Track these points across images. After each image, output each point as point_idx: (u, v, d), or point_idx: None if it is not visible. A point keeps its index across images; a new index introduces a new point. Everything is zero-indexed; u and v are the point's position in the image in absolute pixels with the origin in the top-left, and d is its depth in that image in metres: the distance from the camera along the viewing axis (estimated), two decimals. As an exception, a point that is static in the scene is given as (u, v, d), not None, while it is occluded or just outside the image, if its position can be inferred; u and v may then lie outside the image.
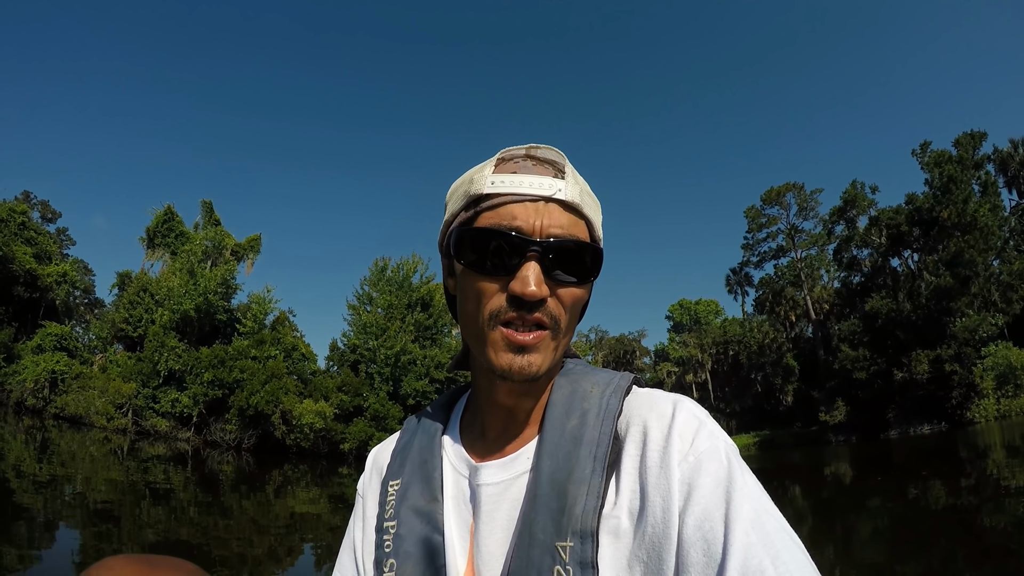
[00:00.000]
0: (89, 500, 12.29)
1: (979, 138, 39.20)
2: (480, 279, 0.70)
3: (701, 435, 0.64)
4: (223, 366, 30.34)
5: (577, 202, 0.70)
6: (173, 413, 30.88)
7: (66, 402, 29.50)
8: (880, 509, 12.47)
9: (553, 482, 0.65)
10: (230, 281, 35.99)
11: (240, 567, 8.37)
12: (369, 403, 32.29)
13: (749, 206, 50.64)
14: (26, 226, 39.26)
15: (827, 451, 32.19)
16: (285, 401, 29.74)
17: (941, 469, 18.03)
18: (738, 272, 54.75)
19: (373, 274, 37.99)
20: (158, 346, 31.15)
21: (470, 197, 0.72)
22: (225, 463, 24.58)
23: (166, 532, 10.25)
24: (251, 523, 12.17)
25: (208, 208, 40.70)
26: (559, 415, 0.71)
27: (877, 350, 37.00)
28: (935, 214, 35.70)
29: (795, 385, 47.20)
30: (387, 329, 34.62)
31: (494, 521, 0.70)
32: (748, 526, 0.56)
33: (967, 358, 33.21)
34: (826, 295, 46.21)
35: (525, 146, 0.75)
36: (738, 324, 54.13)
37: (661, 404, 0.69)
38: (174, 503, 13.31)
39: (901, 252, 39.42)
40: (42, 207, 58.47)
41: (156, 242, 38.17)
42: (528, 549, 0.63)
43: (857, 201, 42.74)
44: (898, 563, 7.66)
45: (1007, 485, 13.17)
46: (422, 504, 0.74)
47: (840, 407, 38.71)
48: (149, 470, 19.04)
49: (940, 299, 34.68)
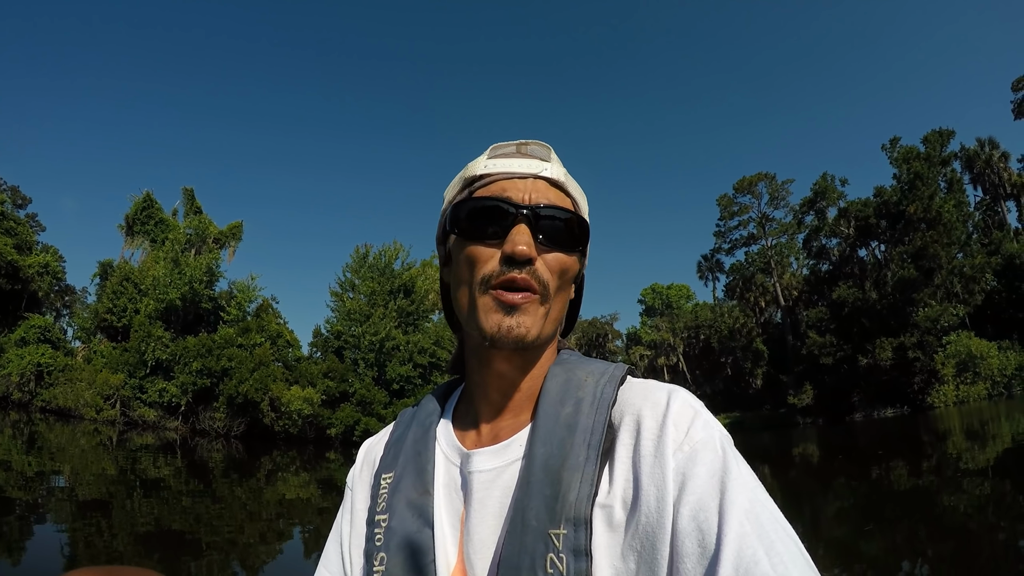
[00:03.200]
0: (79, 492, 12.12)
1: (947, 136, 39.85)
2: (473, 245, 0.72)
3: (696, 425, 0.64)
4: (211, 355, 29.98)
5: (562, 181, 0.76)
6: (161, 403, 30.43)
7: (54, 395, 28.88)
8: (845, 488, 12.64)
9: (547, 469, 0.65)
10: (215, 269, 35.44)
11: (231, 552, 8.34)
12: (355, 388, 32.20)
13: (722, 194, 50.84)
14: (5, 216, 38.06)
15: (795, 433, 32.69)
16: (273, 388, 29.52)
17: (903, 451, 18.39)
18: (710, 258, 55.22)
19: (355, 261, 37.66)
20: (144, 336, 30.61)
21: (465, 180, 0.77)
22: (215, 451, 24.39)
23: (158, 521, 10.20)
24: (243, 509, 12.15)
25: (190, 195, 39.75)
26: (553, 403, 0.70)
27: (843, 337, 37.62)
28: (902, 208, 36.28)
29: (764, 369, 47.84)
30: (371, 316, 34.46)
31: (485, 508, 0.70)
32: (743, 516, 0.55)
33: (929, 346, 33.99)
34: (795, 282, 46.67)
35: (516, 141, 0.79)
36: (709, 309, 54.52)
37: (656, 394, 0.69)
38: (165, 492, 13.20)
39: (868, 243, 40.04)
40: (12, 192, 56.40)
41: (135, 229, 37.21)
42: (521, 535, 0.63)
43: (827, 193, 43.14)
44: (863, 540, 7.78)
45: (965, 467, 13.50)
46: (414, 497, 0.74)
47: (807, 391, 39.37)
48: (139, 460, 18.84)
49: (904, 289, 35.37)
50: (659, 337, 57.89)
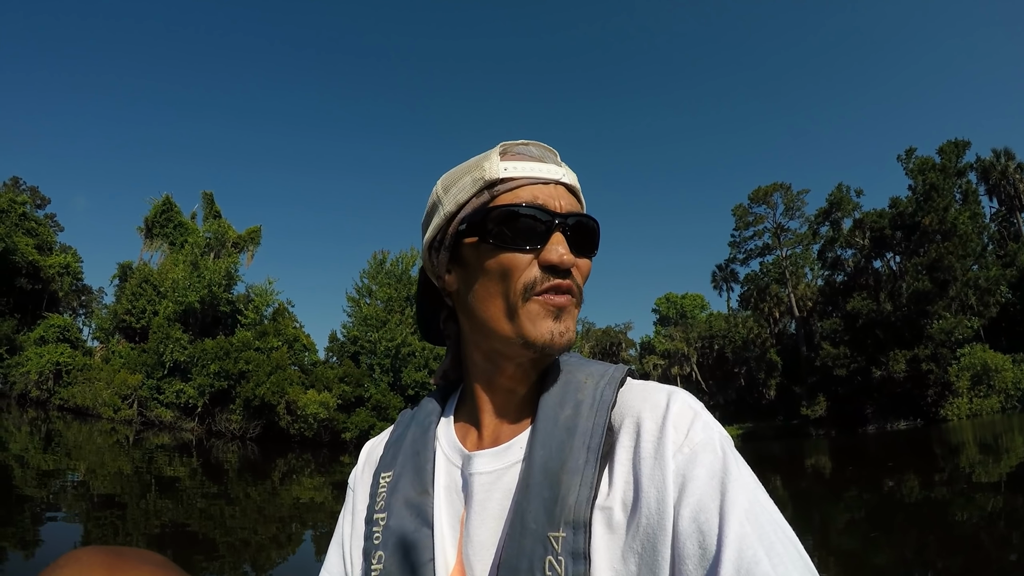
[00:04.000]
0: (94, 489, 12.27)
1: (963, 147, 39.47)
2: (509, 254, 0.71)
3: (696, 426, 0.63)
4: (228, 357, 30.26)
5: (577, 187, 0.77)
6: (178, 404, 30.76)
7: (72, 394, 29.28)
8: (856, 500, 12.55)
9: (546, 471, 0.65)
10: (233, 273, 35.88)
11: (244, 553, 8.44)
12: (370, 393, 32.39)
13: (737, 204, 50.57)
14: (27, 216, 38.85)
15: (807, 443, 32.42)
16: (290, 392, 29.75)
17: (916, 463, 18.24)
18: (724, 268, 54.91)
19: (372, 267, 38.01)
20: (163, 337, 31.01)
21: (484, 182, 0.73)
22: (230, 452, 24.62)
23: (172, 520, 10.34)
24: (257, 511, 12.28)
25: (209, 200, 40.40)
26: (553, 405, 0.70)
27: (857, 348, 37.32)
28: (917, 219, 35.99)
29: (778, 379, 47.50)
30: (387, 322, 34.70)
31: (486, 511, 0.69)
32: (743, 517, 0.55)
33: (943, 359, 33.62)
34: (809, 293, 46.32)
35: (528, 142, 0.77)
36: (723, 319, 54.27)
37: (655, 395, 0.68)
38: (181, 492, 13.37)
39: (883, 254, 39.71)
40: (32, 193, 57.29)
41: (155, 232, 37.73)
42: (520, 538, 0.63)
43: (842, 203, 42.79)
44: (872, 551, 7.75)
45: (978, 481, 13.39)
46: (413, 496, 0.74)
47: (821, 402, 39.13)
48: (155, 460, 19.09)
49: (919, 301, 35.04)
50: (673, 347, 57.66)
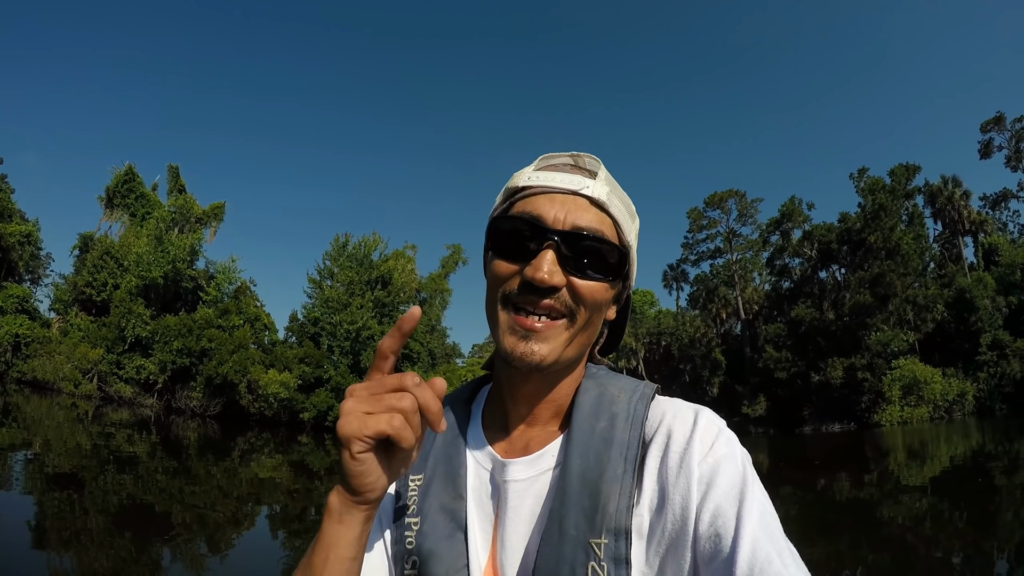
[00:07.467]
0: (50, 465, 11.87)
1: (912, 171, 40.92)
2: (500, 263, 0.72)
3: (720, 441, 0.67)
4: (191, 335, 29.42)
5: (604, 200, 0.72)
6: (138, 379, 29.77)
7: (32, 367, 27.99)
8: (791, 497, 12.91)
9: (584, 480, 0.66)
10: (197, 249, 34.69)
11: (203, 530, 8.32)
12: (330, 375, 31.94)
13: (692, 207, 51.11)
14: (-15, 179, 36.95)
15: (747, 441, 32.59)
16: (252, 371, 29.15)
17: (848, 464, 18.90)
18: (675, 268, 55.83)
19: (334, 249, 37.24)
20: (125, 312, 29.90)
21: (509, 190, 0.76)
22: (190, 430, 24.05)
23: (131, 496, 10.10)
24: (217, 488, 12.10)
25: (175, 173, 38.60)
26: (587, 416, 0.71)
27: (799, 353, 38.27)
28: (864, 236, 36.98)
29: (721, 378, 48.31)
30: (348, 305, 34.25)
31: (519, 516, 0.70)
32: (757, 523, 0.59)
33: (878, 368, 34.70)
34: (756, 297, 47.18)
35: (569, 152, 0.77)
36: (672, 317, 54.89)
37: (684, 412, 0.72)
38: (140, 469, 13.05)
39: (829, 266, 40.83)
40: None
41: (115, 202, 35.89)
42: (559, 544, 0.64)
43: (793, 215, 43.67)
44: (807, 546, 7.94)
45: (905, 483, 14.02)
46: (447, 501, 0.74)
47: (761, 402, 40.05)
48: (114, 436, 18.50)
49: (860, 313, 36.19)
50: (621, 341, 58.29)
